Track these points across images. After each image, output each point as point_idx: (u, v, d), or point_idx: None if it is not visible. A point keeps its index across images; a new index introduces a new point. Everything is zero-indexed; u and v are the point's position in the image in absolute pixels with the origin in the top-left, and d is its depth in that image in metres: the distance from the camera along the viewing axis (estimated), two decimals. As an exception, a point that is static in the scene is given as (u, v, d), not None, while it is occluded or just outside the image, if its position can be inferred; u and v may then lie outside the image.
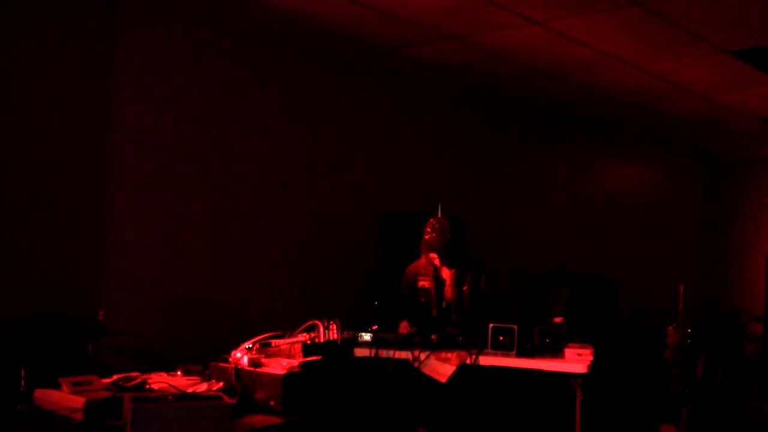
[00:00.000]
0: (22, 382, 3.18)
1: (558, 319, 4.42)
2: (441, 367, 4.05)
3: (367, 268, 5.91)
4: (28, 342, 3.89)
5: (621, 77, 6.30)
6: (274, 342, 3.76)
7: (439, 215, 5.02)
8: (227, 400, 3.15)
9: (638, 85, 6.56)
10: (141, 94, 4.81)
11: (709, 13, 4.72)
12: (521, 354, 4.04)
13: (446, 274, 4.67)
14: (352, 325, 4.11)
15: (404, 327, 4.50)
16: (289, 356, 3.64)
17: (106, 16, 4.64)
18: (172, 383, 3.41)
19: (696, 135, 9.14)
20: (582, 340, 4.22)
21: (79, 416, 3.01)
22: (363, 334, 4.10)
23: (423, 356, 4.06)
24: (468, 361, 4.02)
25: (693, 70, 6.07)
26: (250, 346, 3.63)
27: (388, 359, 4.02)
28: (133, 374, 3.47)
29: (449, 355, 4.06)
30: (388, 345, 4.08)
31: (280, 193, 5.57)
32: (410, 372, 4.06)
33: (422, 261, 4.71)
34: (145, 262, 4.80)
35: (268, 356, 3.63)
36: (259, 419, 3.23)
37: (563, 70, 6.14)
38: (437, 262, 4.65)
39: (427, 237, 4.62)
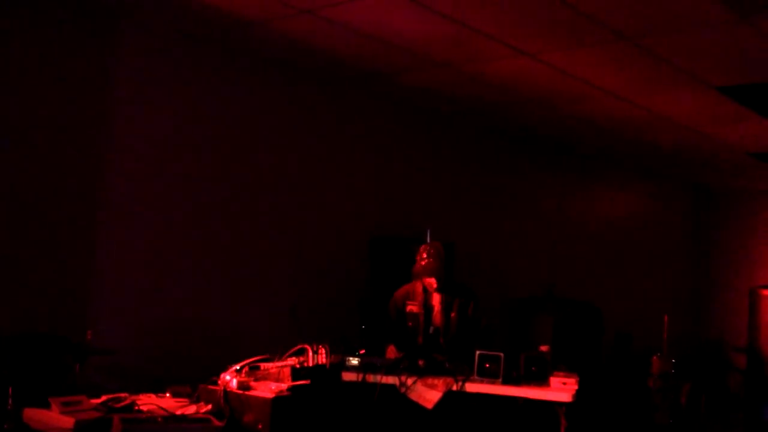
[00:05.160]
0: (9, 401, 3.18)
1: (544, 347, 4.44)
2: (427, 393, 4.07)
3: (355, 291, 5.94)
4: (16, 360, 3.88)
5: (609, 109, 6.40)
6: (263, 365, 3.78)
7: (428, 240, 5.05)
8: (216, 422, 3.18)
9: (626, 117, 6.66)
10: (133, 114, 4.84)
11: (696, 51, 4.82)
12: (507, 381, 4.07)
13: (435, 299, 4.70)
14: (340, 348, 4.12)
15: (391, 351, 4.51)
16: (278, 380, 3.65)
17: (107, 34, 4.68)
18: (161, 405, 3.43)
19: (682, 167, 9.27)
20: (567, 367, 4.25)
21: (68, 436, 3.03)
22: (351, 358, 4.10)
23: (410, 382, 4.08)
24: (454, 388, 4.04)
25: (680, 104, 6.18)
26: (239, 368, 3.65)
27: (375, 384, 4.03)
28: (122, 395, 3.49)
29: (436, 381, 4.08)
30: (375, 370, 4.09)
31: (269, 215, 5.60)
32: (397, 397, 4.08)
33: (418, 287, 4.72)
34: (134, 282, 4.80)
35: (257, 379, 3.64)
36: (247, 442, 3.25)
37: (552, 100, 6.22)
38: (434, 287, 4.67)
39: (423, 263, 4.62)
